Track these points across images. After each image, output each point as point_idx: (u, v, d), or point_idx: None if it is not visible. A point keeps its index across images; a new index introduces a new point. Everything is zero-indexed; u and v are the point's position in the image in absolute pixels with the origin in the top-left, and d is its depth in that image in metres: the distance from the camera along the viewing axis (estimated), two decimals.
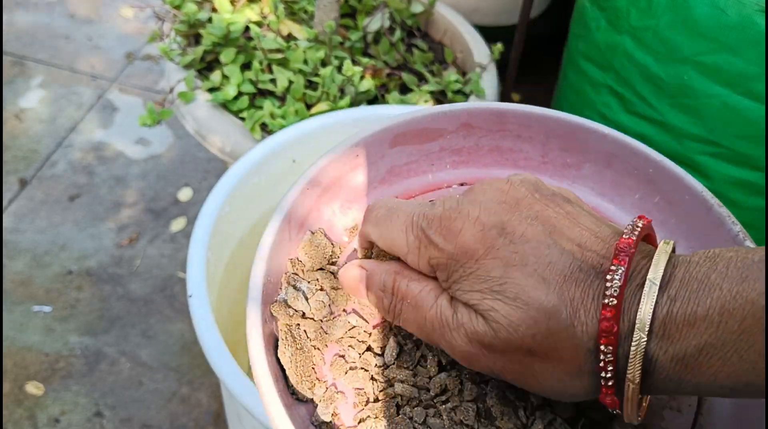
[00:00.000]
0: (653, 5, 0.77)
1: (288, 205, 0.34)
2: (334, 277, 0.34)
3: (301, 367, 0.31)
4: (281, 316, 0.32)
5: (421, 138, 0.39)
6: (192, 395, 1.03)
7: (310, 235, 0.35)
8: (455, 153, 0.40)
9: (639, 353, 0.23)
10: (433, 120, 0.39)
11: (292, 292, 0.33)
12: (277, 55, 0.89)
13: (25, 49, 1.57)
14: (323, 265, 0.34)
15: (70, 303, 1.12)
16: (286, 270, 0.34)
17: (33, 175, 1.32)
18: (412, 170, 0.40)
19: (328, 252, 0.35)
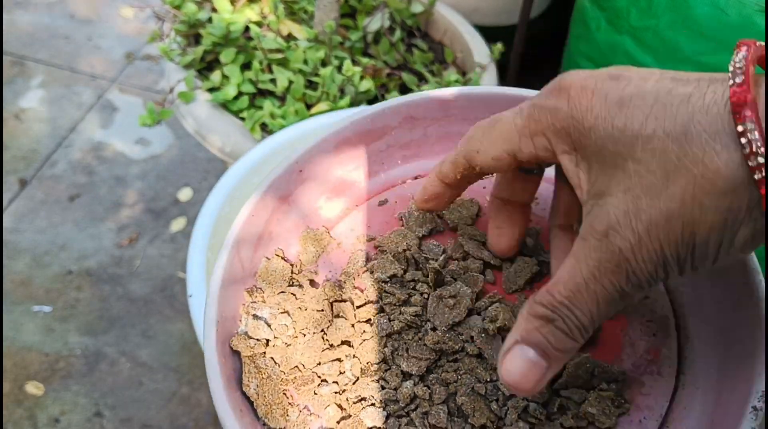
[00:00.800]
0: (653, 5, 0.77)
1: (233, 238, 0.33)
2: (295, 297, 0.34)
3: (270, 395, 0.30)
4: (243, 348, 0.31)
5: (366, 139, 0.39)
6: (192, 395, 1.03)
7: (266, 261, 0.35)
8: (404, 147, 0.40)
9: None
10: (374, 119, 0.38)
11: (252, 323, 0.32)
12: (277, 55, 0.89)
13: (25, 49, 1.57)
14: (283, 288, 0.34)
15: (69, 303, 1.12)
16: (243, 301, 0.34)
17: (33, 175, 1.32)
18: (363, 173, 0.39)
19: (287, 274, 0.34)
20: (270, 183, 0.35)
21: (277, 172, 0.36)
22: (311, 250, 0.36)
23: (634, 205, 0.23)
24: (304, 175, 0.37)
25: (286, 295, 0.34)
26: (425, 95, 0.38)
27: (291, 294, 0.34)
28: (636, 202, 0.23)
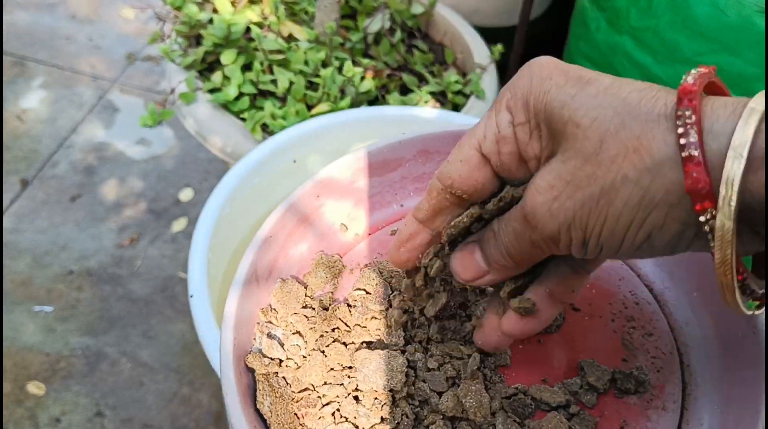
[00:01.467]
0: (653, 5, 0.78)
1: (251, 257, 0.34)
2: (307, 319, 0.34)
3: (282, 415, 0.31)
4: (257, 366, 0.32)
5: (381, 170, 0.40)
6: (193, 396, 1.03)
7: (281, 282, 0.36)
8: (417, 180, 0.41)
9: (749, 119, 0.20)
10: (389, 151, 0.40)
11: (267, 342, 0.33)
12: (277, 56, 0.89)
13: (26, 49, 1.58)
14: (297, 310, 0.35)
15: (70, 303, 1.13)
16: (258, 320, 0.34)
17: (34, 176, 1.32)
18: (377, 202, 0.40)
19: (301, 296, 0.35)
20: (288, 206, 0.36)
21: (295, 196, 0.37)
22: (322, 275, 0.37)
23: (563, 166, 0.24)
24: (321, 201, 0.38)
25: (299, 317, 0.34)
26: (440, 131, 0.40)
27: (303, 316, 0.34)
28: (566, 163, 0.24)
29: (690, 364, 0.34)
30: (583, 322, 0.36)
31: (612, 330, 0.36)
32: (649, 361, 0.34)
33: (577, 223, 0.24)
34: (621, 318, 0.36)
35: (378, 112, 0.77)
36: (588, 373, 0.33)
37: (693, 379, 0.33)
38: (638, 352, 0.34)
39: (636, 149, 0.22)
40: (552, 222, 0.24)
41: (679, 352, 0.35)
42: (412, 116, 0.77)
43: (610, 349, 0.35)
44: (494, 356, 0.33)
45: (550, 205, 0.24)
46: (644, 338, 0.35)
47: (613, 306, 0.37)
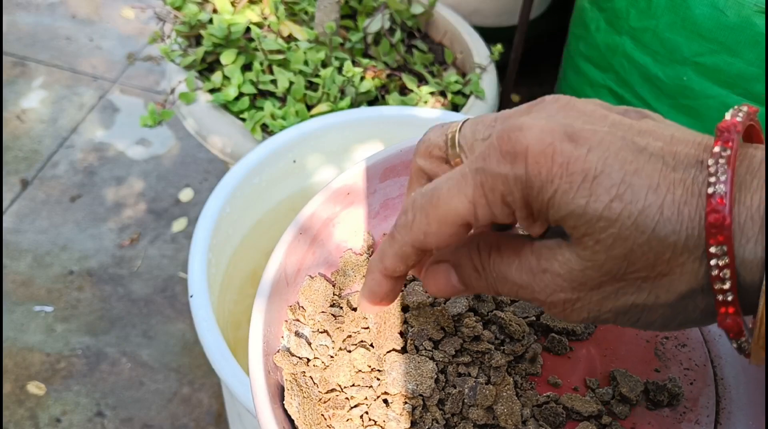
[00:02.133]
0: (653, 6, 0.78)
1: (282, 253, 0.34)
2: (335, 318, 0.34)
3: (310, 416, 0.30)
4: (285, 365, 0.31)
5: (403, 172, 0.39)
6: (193, 395, 1.03)
7: (309, 279, 0.35)
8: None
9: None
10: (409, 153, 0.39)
11: (295, 340, 0.33)
12: (277, 56, 0.89)
13: (27, 49, 1.58)
14: (324, 309, 0.34)
15: (71, 303, 1.13)
16: (286, 317, 0.34)
17: (34, 176, 1.32)
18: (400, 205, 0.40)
19: (329, 294, 0.35)
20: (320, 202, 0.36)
21: (327, 193, 0.36)
22: (350, 273, 0.36)
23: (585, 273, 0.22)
24: (351, 198, 0.38)
25: (326, 316, 0.34)
26: None
27: (331, 315, 0.34)
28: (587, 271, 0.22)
29: (724, 377, 0.33)
30: (615, 330, 0.35)
31: (644, 339, 0.35)
32: (682, 373, 0.33)
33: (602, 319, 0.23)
34: None
35: (378, 112, 0.77)
36: (621, 383, 0.32)
37: (727, 393, 0.33)
38: (671, 362, 0.34)
39: (665, 274, 0.20)
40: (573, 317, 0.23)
41: (713, 364, 0.34)
42: (412, 116, 0.77)
43: (642, 358, 0.34)
44: (525, 363, 0.33)
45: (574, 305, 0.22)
46: (677, 349, 0.34)
47: None
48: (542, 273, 0.22)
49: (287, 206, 0.80)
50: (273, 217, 0.79)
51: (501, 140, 0.22)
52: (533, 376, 0.33)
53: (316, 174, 0.79)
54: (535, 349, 0.33)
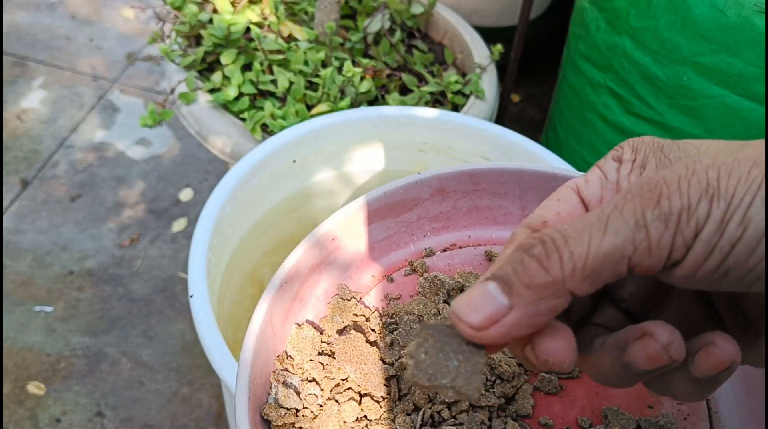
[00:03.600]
0: (653, 6, 0.78)
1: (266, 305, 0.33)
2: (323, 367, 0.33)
3: None
4: (274, 418, 0.31)
5: (397, 210, 0.39)
6: (193, 395, 1.03)
7: (297, 328, 0.35)
8: (433, 220, 0.40)
9: None
10: (405, 191, 0.39)
11: (283, 391, 0.32)
12: (277, 56, 0.89)
13: (27, 49, 1.58)
14: (312, 357, 0.34)
15: (71, 303, 1.13)
16: (274, 368, 0.33)
17: (34, 176, 1.32)
18: (393, 243, 0.40)
19: (317, 342, 0.35)
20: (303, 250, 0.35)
21: (311, 239, 0.36)
22: (338, 319, 0.35)
23: (693, 161, 0.19)
24: (337, 243, 0.37)
25: (314, 364, 0.33)
26: (457, 169, 0.39)
27: (319, 363, 0.34)
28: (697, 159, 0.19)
29: (718, 411, 0.33)
30: None
31: None
32: (675, 408, 0.33)
33: (722, 192, 0.18)
34: None
35: (378, 112, 0.77)
36: (612, 422, 0.31)
37: (721, 427, 0.32)
38: (664, 398, 0.33)
39: None
40: (691, 190, 0.18)
41: (707, 399, 0.33)
42: (412, 116, 0.77)
43: (635, 395, 0.33)
44: (515, 404, 0.32)
45: (689, 178, 0.18)
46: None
47: None
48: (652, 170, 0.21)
49: (287, 206, 0.80)
50: (273, 217, 0.78)
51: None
52: (524, 417, 0.33)
53: (316, 174, 0.79)
54: (526, 389, 0.33)
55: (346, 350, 0.34)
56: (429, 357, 0.22)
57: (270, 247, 0.82)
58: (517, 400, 0.33)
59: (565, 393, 0.34)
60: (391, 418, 0.32)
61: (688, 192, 0.18)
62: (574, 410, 0.33)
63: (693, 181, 0.18)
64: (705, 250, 0.18)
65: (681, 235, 0.18)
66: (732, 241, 0.18)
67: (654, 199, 0.18)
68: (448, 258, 0.40)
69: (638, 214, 0.18)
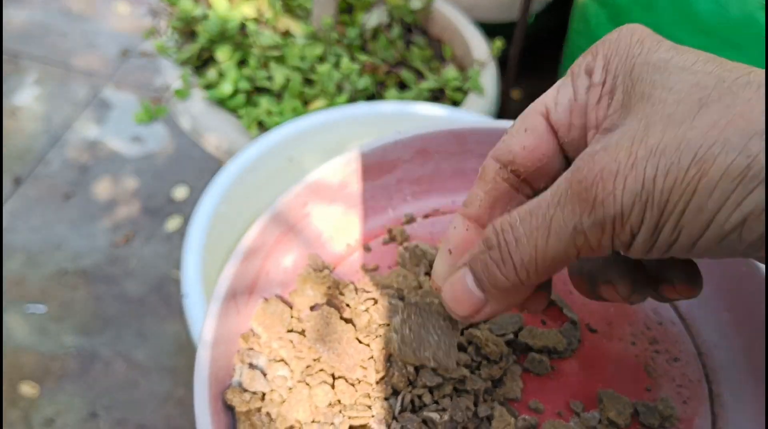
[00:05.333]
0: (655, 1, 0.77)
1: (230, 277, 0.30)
2: (293, 345, 0.30)
3: None
4: (238, 403, 0.28)
5: (375, 173, 0.36)
6: (187, 396, 1.02)
7: (264, 302, 0.32)
8: (414, 183, 0.37)
9: None
10: (384, 152, 0.36)
11: (248, 373, 0.29)
12: (273, 52, 0.88)
13: (20, 46, 1.56)
14: (282, 335, 0.31)
15: (64, 302, 1.11)
16: (238, 348, 0.30)
17: (27, 174, 1.30)
18: (370, 209, 0.37)
19: (286, 318, 0.31)
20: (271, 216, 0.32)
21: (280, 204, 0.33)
22: (309, 293, 0.32)
23: (643, 131, 0.19)
24: (308, 209, 0.34)
25: (283, 342, 0.31)
26: (440, 128, 0.36)
27: (289, 341, 0.31)
28: (648, 128, 0.19)
29: (720, 393, 0.31)
30: (602, 345, 0.33)
31: (633, 354, 0.32)
32: (674, 391, 0.31)
33: (656, 197, 0.18)
34: (643, 340, 0.33)
35: (375, 108, 0.76)
36: (607, 406, 0.30)
37: (723, 411, 0.30)
38: (663, 379, 0.31)
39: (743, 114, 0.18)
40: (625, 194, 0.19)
41: (708, 380, 0.31)
42: (410, 112, 0.76)
43: (631, 376, 0.32)
44: (503, 387, 0.30)
45: (626, 174, 0.19)
46: (669, 363, 0.32)
47: (634, 326, 0.33)
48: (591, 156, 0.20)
49: None
50: None
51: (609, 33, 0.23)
52: (513, 401, 0.30)
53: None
54: (514, 370, 0.31)
55: (318, 328, 0.31)
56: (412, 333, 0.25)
57: None
58: (505, 382, 0.30)
59: (556, 374, 0.31)
60: (367, 404, 0.29)
61: (623, 197, 0.19)
62: (567, 393, 0.31)
63: (629, 180, 0.19)
64: (643, 248, 0.20)
65: (618, 238, 0.20)
66: (668, 243, 0.19)
67: (589, 203, 0.19)
68: (430, 225, 0.37)
69: (576, 219, 0.19)
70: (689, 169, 0.18)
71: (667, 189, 0.18)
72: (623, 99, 0.21)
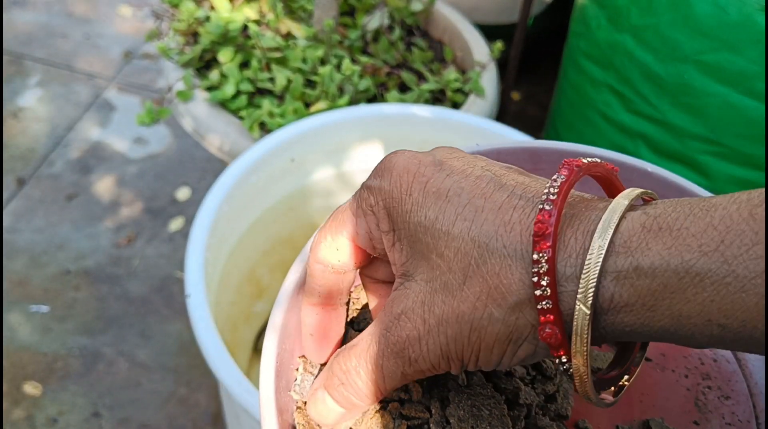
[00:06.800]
0: (654, 3, 0.77)
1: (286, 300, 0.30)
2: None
3: None
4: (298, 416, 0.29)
5: None
6: (190, 396, 1.02)
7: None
8: None
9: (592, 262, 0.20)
10: None
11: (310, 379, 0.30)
12: (275, 54, 0.89)
13: (23, 47, 1.57)
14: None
15: (67, 303, 1.12)
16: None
17: (31, 175, 1.31)
18: None
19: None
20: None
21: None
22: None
23: (430, 297, 0.23)
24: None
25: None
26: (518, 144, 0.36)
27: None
28: (433, 295, 0.23)
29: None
30: (654, 375, 0.33)
31: (685, 387, 0.32)
32: (723, 428, 0.31)
33: (453, 355, 0.24)
34: (696, 375, 0.33)
35: (376, 110, 0.77)
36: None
37: None
38: (712, 415, 0.31)
39: (497, 287, 0.22)
40: (430, 355, 0.24)
41: (757, 422, 0.31)
42: (411, 114, 0.77)
43: (681, 408, 0.31)
44: (555, 404, 0.30)
45: (426, 339, 0.24)
46: (720, 400, 0.32)
47: (688, 360, 0.33)
48: (397, 318, 0.24)
49: (285, 205, 0.79)
50: (271, 215, 0.78)
51: (380, 163, 0.25)
52: (562, 418, 0.30)
53: (314, 173, 0.79)
54: (567, 389, 0.31)
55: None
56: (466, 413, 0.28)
57: (268, 247, 0.81)
58: (557, 399, 0.30)
59: None
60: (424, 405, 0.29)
61: (430, 357, 0.24)
62: (615, 417, 0.31)
63: (431, 344, 0.23)
64: (460, 372, 0.25)
65: (438, 372, 0.25)
66: (478, 369, 0.24)
67: (407, 360, 0.24)
68: None
69: (401, 369, 0.24)
70: (470, 336, 0.23)
71: (459, 350, 0.23)
72: (411, 251, 0.24)
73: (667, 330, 0.20)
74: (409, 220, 0.24)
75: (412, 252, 0.24)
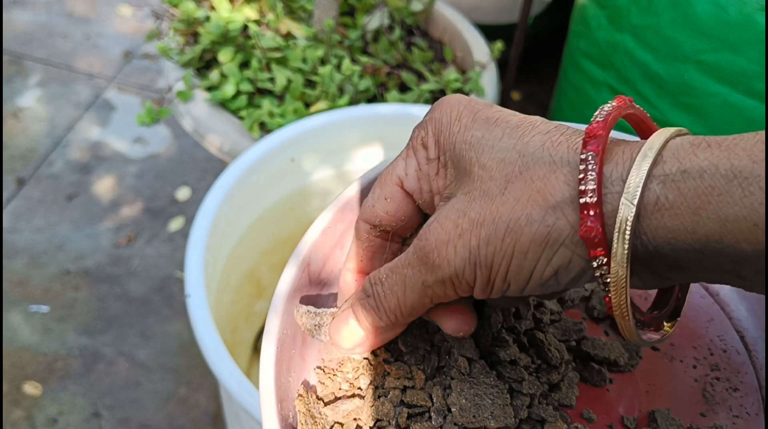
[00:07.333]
0: (654, 3, 0.77)
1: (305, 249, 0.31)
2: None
3: None
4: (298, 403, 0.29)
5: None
6: (190, 396, 1.02)
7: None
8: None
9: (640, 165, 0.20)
10: None
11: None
12: (275, 54, 0.89)
13: (23, 47, 1.57)
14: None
15: (67, 303, 1.12)
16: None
17: (30, 175, 1.31)
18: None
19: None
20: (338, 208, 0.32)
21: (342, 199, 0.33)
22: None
23: (468, 205, 0.24)
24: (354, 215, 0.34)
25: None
26: None
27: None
28: (471, 202, 0.24)
29: None
30: (662, 364, 0.32)
31: (693, 378, 0.32)
32: (730, 420, 0.30)
33: (482, 260, 0.23)
34: (705, 365, 0.32)
35: (376, 110, 0.77)
36: (661, 425, 0.29)
37: None
38: (719, 407, 0.31)
39: (540, 190, 0.22)
40: (456, 259, 0.23)
41: (766, 416, 0.31)
42: (411, 114, 0.77)
43: (688, 399, 0.31)
44: (558, 393, 0.30)
45: (456, 243, 0.23)
46: (728, 392, 0.31)
47: (697, 350, 0.33)
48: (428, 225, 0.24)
49: (285, 205, 0.79)
50: (271, 215, 0.78)
51: (433, 105, 0.27)
52: (566, 407, 0.30)
53: (314, 173, 0.79)
54: (572, 378, 0.31)
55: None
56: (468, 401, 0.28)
57: (268, 247, 0.81)
58: (561, 388, 0.30)
59: (613, 387, 0.31)
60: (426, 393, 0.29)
61: (455, 262, 0.23)
62: (621, 407, 0.31)
63: (459, 247, 0.23)
64: (482, 295, 0.24)
65: (460, 289, 0.24)
66: (501, 290, 0.24)
67: (430, 266, 0.24)
68: None
69: (423, 277, 0.24)
70: (505, 238, 0.23)
71: (490, 253, 0.23)
72: (455, 172, 0.25)
73: (712, 237, 0.19)
74: (455, 140, 0.25)
75: (456, 173, 0.25)
